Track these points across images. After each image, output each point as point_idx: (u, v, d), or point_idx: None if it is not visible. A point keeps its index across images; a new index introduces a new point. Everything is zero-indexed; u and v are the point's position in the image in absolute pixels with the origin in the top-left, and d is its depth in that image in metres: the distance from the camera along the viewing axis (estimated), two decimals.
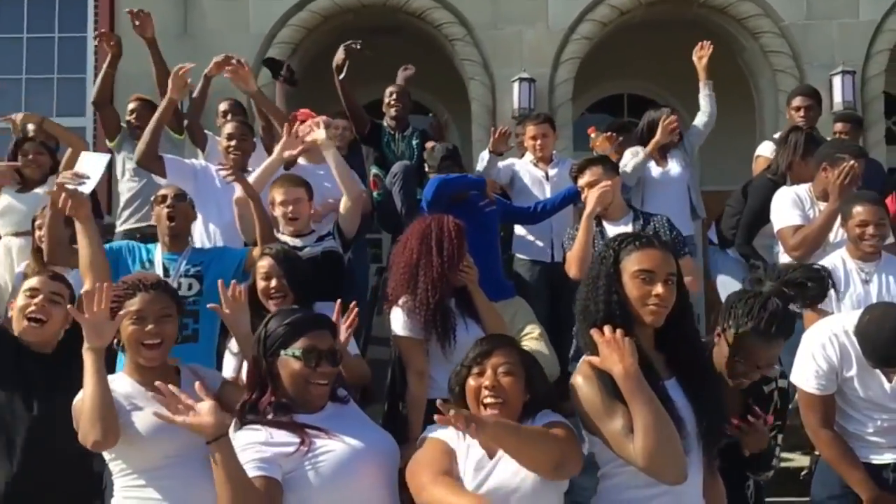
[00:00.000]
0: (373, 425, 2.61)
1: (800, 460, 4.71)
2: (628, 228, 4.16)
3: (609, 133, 5.38)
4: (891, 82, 9.48)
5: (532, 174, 5.23)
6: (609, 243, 2.41)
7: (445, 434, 2.40)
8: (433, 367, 3.37)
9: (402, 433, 3.12)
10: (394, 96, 5.61)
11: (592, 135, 5.41)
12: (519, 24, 8.13)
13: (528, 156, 5.36)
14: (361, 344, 4.89)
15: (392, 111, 5.60)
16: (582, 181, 4.32)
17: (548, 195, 5.09)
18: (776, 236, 4.41)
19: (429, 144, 5.35)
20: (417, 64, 9.10)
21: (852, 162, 4.08)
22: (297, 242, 4.12)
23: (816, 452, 3.54)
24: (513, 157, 5.69)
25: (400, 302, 3.40)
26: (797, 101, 5.45)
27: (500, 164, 5.29)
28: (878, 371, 3.06)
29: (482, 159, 5.25)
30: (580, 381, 2.31)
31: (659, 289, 2.25)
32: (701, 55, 5.73)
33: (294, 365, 2.40)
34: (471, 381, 2.43)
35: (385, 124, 5.63)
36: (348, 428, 2.39)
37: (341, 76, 5.29)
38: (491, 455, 2.35)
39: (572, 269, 4.12)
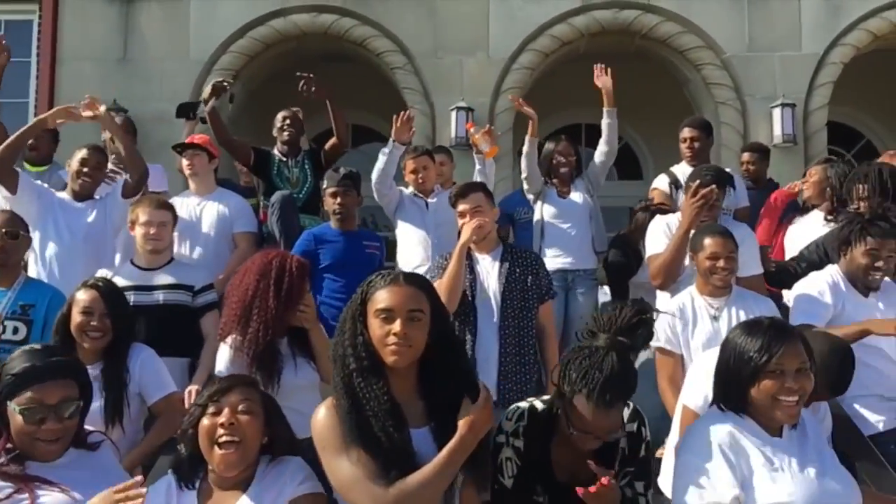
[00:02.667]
0: (117, 475, 2.49)
1: None
2: (497, 262, 4.02)
3: (488, 127, 5.31)
4: (842, 112, 9.48)
5: (414, 201, 5.12)
6: (361, 283, 2.30)
7: (156, 489, 2.35)
8: None
9: None
10: (287, 121, 5.45)
11: (471, 130, 5.26)
12: (459, 54, 8.13)
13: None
14: None
15: (284, 135, 5.44)
16: (461, 207, 4.12)
17: (428, 223, 4.97)
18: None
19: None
20: (366, 90, 9.22)
21: (698, 182, 3.98)
22: (155, 278, 4.06)
23: None
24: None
25: (228, 340, 3.26)
26: (684, 133, 5.31)
27: (392, 188, 5.17)
28: None
29: (383, 153, 5.06)
30: (322, 411, 2.21)
31: (396, 327, 2.13)
32: (604, 79, 5.49)
33: (17, 419, 2.31)
34: (205, 421, 2.31)
35: (275, 151, 5.50)
36: (78, 478, 2.30)
37: (207, 108, 5.23)
38: None
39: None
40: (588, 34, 8.21)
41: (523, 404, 2.62)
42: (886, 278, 3.74)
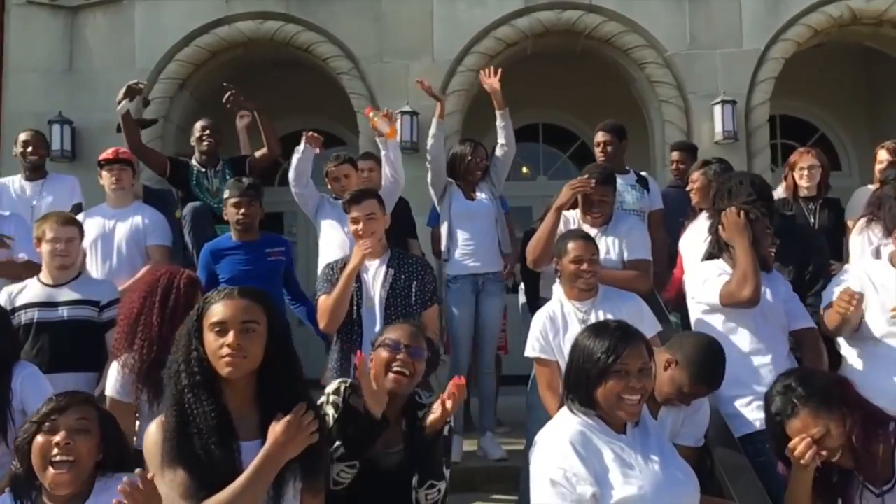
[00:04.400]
0: None
1: None
2: (383, 268, 4.06)
3: (387, 110, 5.18)
4: (795, 106, 9.55)
5: (333, 204, 5.09)
6: (202, 299, 2.37)
7: None
8: (141, 426, 3.21)
9: None
10: (206, 131, 5.45)
11: (371, 114, 5.05)
12: (404, 58, 8.16)
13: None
14: None
15: (203, 145, 5.44)
16: (354, 213, 4.09)
17: (346, 224, 4.93)
18: None
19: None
20: (318, 95, 9.27)
21: (586, 176, 4.36)
22: (59, 294, 4.09)
23: None
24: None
25: (120, 359, 3.29)
26: (597, 137, 5.36)
27: (309, 186, 5.15)
28: None
29: (296, 151, 5.07)
30: (152, 428, 2.28)
31: (230, 338, 2.20)
32: (490, 82, 5.40)
33: None
34: (39, 438, 2.35)
35: (193, 161, 5.51)
36: None
37: (121, 109, 5.25)
38: None
39: (323, 320, 3.99)
40: (532, 35, 8.25)
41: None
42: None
